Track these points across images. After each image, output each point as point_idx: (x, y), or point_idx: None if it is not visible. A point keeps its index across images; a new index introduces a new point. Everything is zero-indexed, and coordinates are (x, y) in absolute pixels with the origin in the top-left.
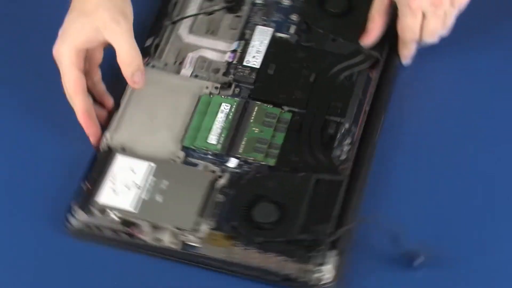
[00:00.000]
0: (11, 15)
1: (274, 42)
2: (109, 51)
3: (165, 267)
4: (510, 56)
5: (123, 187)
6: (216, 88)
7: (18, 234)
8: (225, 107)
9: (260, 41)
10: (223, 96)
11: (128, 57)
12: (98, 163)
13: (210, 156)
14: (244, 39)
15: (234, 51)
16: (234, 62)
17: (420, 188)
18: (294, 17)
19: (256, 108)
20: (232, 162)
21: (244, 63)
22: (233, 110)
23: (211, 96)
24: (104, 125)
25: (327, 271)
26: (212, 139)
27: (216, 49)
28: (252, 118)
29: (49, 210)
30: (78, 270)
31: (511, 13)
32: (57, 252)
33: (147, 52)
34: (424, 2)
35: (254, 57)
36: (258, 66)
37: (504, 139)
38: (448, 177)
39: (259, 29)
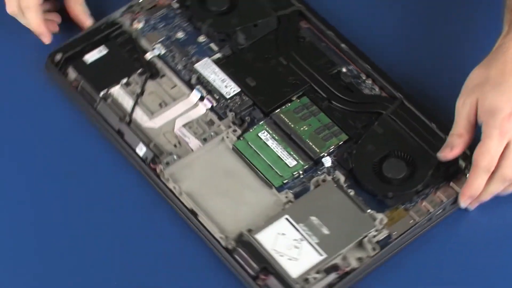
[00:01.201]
0: None
1: (222, 64)
2: None
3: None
4: None
5: (294, 250)
6: (234, 131)
7: None
8: (264, 135)
9: (212, 72)
10: (251, 130)
11: None
12: (253, 258)
13: (303, 175)
14: (195, 84)
15: (202, 98)
16: (215, 104)
17: None
18: (202, 38)
19: (282, 115)
20: (328, 161)
21: (227, 97)
22: (270, 131)
23: (242, 138)
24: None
25: None
26: (291, 162)
27: (185, 110)
28: (290, 123)
29: None
30: None
31: None
32: None
33: (152, 159)
34: None
35: (227, 86)
36: (239, 89)
37: None
38: None
39: (199, 66)
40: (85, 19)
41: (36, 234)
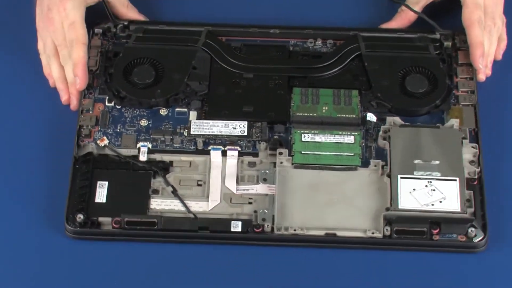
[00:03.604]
0: None
1: (208, 116)
2: None
3: None
4: None
5: (435, 193)
6: (280, 153)
7: None
8: (306, 137)
9: (210, 126)
10: (293, 143)
11: None
12: (415, 224)
13: (365, 141)
14: (205, 147)
15: (224, 152)
16: (240, 149)
17: None
18: (163, 111)
19: (299, 113)
20: (371, 117)
21: (244, 134)
22: (307, 130)
23: (293, 153)
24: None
25: None
26: (350, 139)
27: (222, 172)
28: (311, 113)
29: None
30: None
31: None
32: None
33: (252, 226)
34: None
35: (235, 127)
36: (246, 122)
37: None
38: None
39: (194, 130)
40: (139, 16)
41: None
